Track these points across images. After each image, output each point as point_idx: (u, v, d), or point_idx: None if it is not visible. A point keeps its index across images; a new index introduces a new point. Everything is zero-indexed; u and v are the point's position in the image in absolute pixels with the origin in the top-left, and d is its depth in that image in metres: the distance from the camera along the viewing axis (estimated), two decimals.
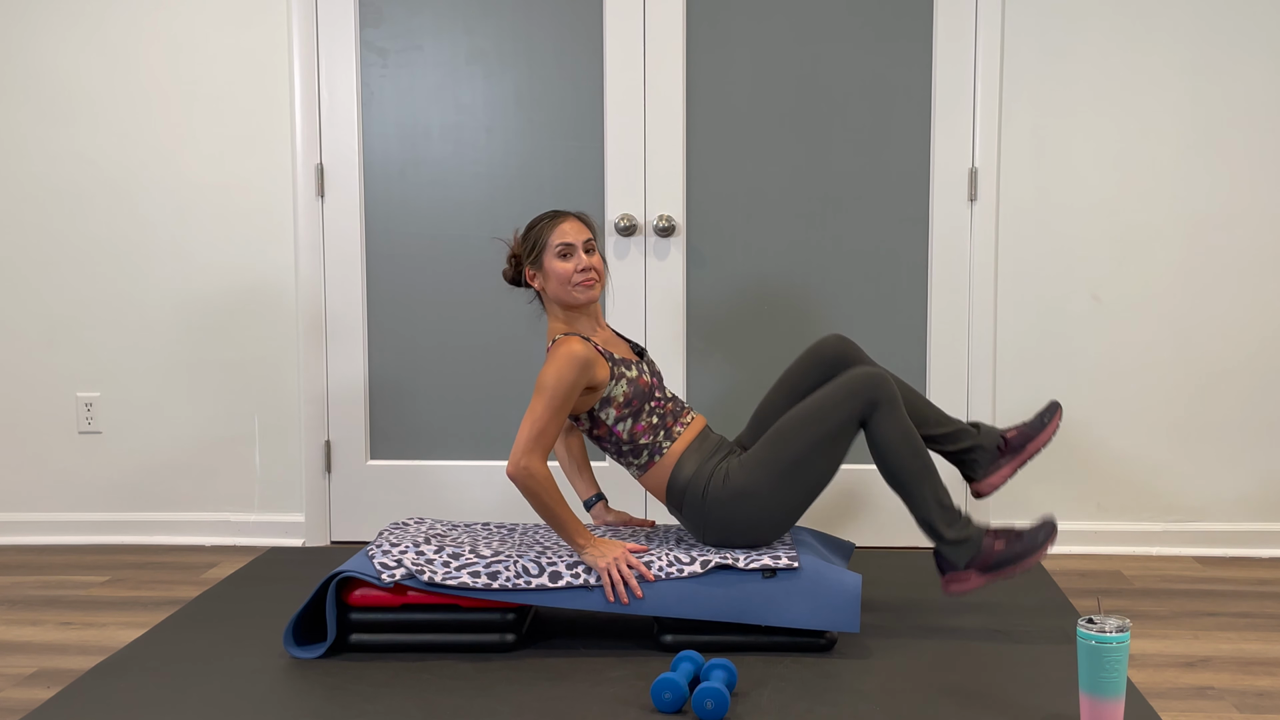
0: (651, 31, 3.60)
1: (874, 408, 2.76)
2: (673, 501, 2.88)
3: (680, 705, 2.41)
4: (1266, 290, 3.58)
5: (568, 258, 2.83)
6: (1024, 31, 3.54)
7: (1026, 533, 2.80)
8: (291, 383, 3.76)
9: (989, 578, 2.80)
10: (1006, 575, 2.80)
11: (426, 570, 2.71)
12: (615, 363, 2.82)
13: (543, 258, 2.84)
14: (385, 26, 3.66)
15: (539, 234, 2.85)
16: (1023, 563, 2.78)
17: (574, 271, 2.82)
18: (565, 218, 2.86)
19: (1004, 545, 2.79)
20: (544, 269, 2.85)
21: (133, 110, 3.72)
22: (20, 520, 3.84)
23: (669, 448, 2.86)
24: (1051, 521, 2.82)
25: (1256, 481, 3.62)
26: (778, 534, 2.84)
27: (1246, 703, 2.49)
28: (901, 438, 2.76)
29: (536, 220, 2.88)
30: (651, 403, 2.86)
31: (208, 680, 2.61)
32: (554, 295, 2.86)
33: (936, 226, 3.60)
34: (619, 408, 2.81)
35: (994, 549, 2.79)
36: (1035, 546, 2.78)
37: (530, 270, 2.87)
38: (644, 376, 2.86)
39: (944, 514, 2.79)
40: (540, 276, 2.86)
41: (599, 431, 2.85)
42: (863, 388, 2.77)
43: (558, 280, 2.83)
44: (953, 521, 2.79)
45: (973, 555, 2.79)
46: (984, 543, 2.80)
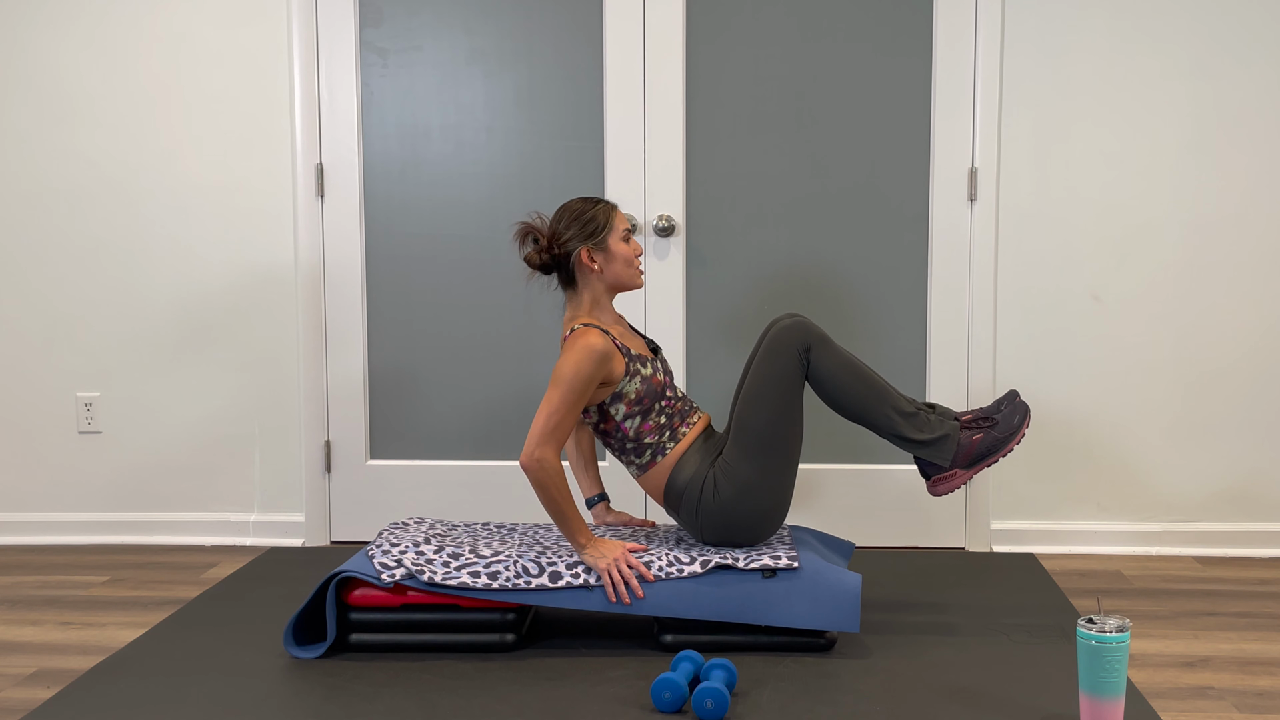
0: (651, 31, 3.60)
1: (806, 352, 2.77)
2: (670, 503, 2.88)
3: (680, 705, 2.41)
4: (1266, 290, 3.58)
5: (629, 241, 2.86)
6: (1024, 32, 3.54)
7: (1001, 418, 2.79)
8: (292, 382, 3.76)
9: (973, 471, 2.81)
10: (990, 464, 2.80)
11: (426, 570, 2.71)
12: (631, 359, 2.82)
13: (608, 239, 2.83)
14: (385, 26, 3.66)
15: (604, 215, 2.84)
16: (1003, 450, 2.78)
17: (634, 255, 2.86)
18: (615, 205, 2.90)
19: (981, 436, 2.78)
20: (609, 250, 2.83)
21: (133, 110, 3.72)
22: (20, 520, 3.84)
23: (672, 449, 2.86)
24: (1017, 397, 2.82)
25: (1256, 482, 3.62)
26: (775, 522, 2.84)
27: (1246, 703, 2.49)
28: (840, 367, 2.76)
29: (587, 204, 2.86)
30: (662, 402, 2.86)
31: (208, 680, 2.61)
32: (613, 278, 2.85)
33: (936, 226, 3.60)
34: (630, 405, 2.81)
35: (972, 442, 2.78)
36: (1013, 431, 2.78)
37: (589, 251, 2.83)
38: (657, 375, 2.86)
39: (910, 422, 2.78)
40: (602, 258, 2.84)
41: (606, 426, 2.85)
42: (789, 339, 2.77)
43: (624, 261, 2.85)
44: (922, 426, 2.78)
45: (953, 452, 2.78)
46: (961, 438, 2.79)
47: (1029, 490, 3.67)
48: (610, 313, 2.90)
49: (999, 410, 2.82)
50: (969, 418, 2.84)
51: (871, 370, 2.81)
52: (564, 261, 2.85)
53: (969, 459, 2.79)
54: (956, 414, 2.86)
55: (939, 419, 2.80)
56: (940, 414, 2.85)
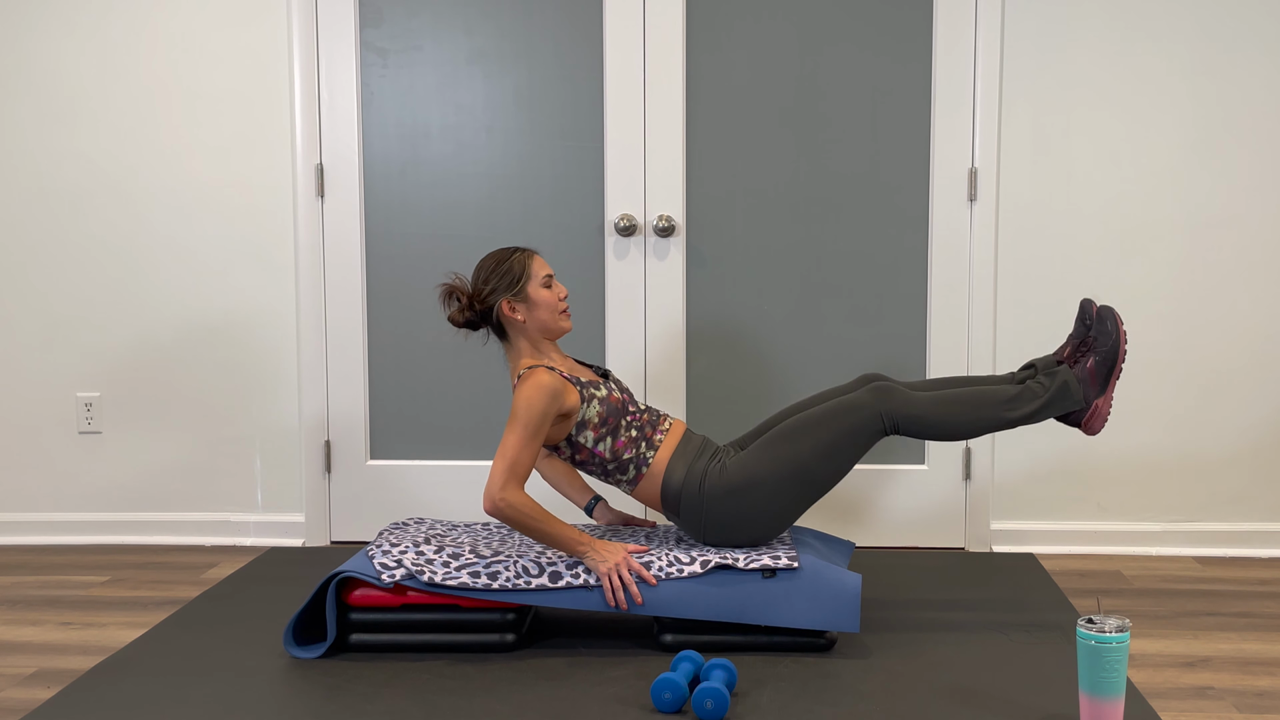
0: (651, 31, 3.60)
1: (891, 414, 2.78)
2: (669, 507, 2.88)
3: (680, 705, 2.41)
4: (1267, 290, 3.58)
5: (550, 286, 2.88)
6: (1023, 31, 3.54)
7: (1098, 334, 2.79)
8: (291, 382, 3.76)
9: (1110, 391, 2.80)
10: (1119, 375, 2.80)
11: (426, 570, 2.71)
12: (583, 386, 2.83)
13: (527, 288, 2.85)
14: (385, 26, 3.66)
15: (521, 265, 2.87)
16: (1120, 356, 2.77)
17: (559, 300, 2.88)
18: (533, 252, 2.91)
19: (1093, 360, 2.78)
20: (530, 299, 2.85)
21: (133, 110, 3.72)
22: (20, 520, 3.84)
23: (654, 457, 2.86)
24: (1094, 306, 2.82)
25: (1256, 481, 3.62)
26: (777, 530, 2.84)
27: (1246, 703, 2.49)
28: (928, 410, 2.78)
29: (503, 255, 2.88)
30: (627, 417, 2.86)
31: (208, 680, 2.61)
32: (539, 324, 2.87)
33: (936, 226, 3.60)
34: (595, 428, 2.82)
35: (1089, 371, 2.78)
36: (1116, 339, 2.77)
37: (510, 303, 2.85)
38: (614, 393, 2.87)
39: (1019, 404, 2.79)
40: (524, 308, 2.86)
41: (581, 456, 2.86)
42: (872, 398, 2.80)
43: (547, 308, 2.86)
44: (1035, 393, 2.79)
45: (1080, 393, 2.78)
46: (1076, 374, 2.79)
47: (1029, 490, 3.66)
48: (553, 352, 2.92)
49: (1088, 329, 2.83)
50: (1068, 353, 2.84)
51: (954, 386, 2.84)
52: (489, 315, 2.89)
53: (1098, 386, 2.79)
54: (1055, 355, 2.87)
55: (1045, 375, 2.81)
56: (1042, 368, 2.85)
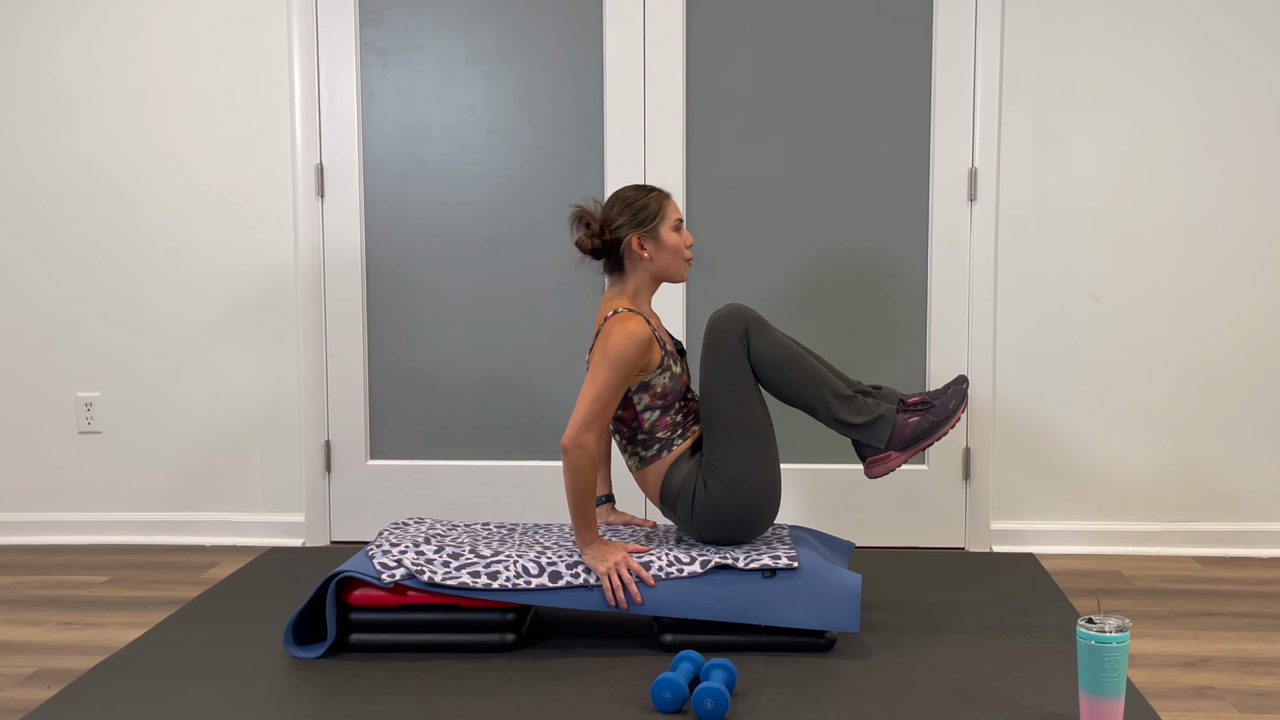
0: (651, 31, 3.60)
1: (745, 335, 2.78)
2: (666, 503, 2.88)
3: (680, 705, 2.41)
4: (1266, 290, 3.58)
5: (679, 231, 2.87)
6: (1023, 32, 3.54)
7: (939, 402, 2.80)
8: (291, 382, 3.76)
9: (908, 454, 2.81)
10: (924, 448, 2.81)
11: (426, 570, 2.71)
12: (666, 353, 2.84)
13: (660, 228, 2.85)
14: (385, 26, 3.66)
15: (657, 204, 2.85)
16: (938, 433, 2.78)
17: (685, 246, 2.88)
18: (668, 195, 2.90)
19: (918, 419, 2.79)
20: (660, 239, 2.85)
21: (133, 110, 3.72)
22: (20, 520, 3.84)
23: (677, 446, 2.87)
24: (961, 384, 2.82)
25: (1257, 482, 3.62)
26: (771, 505, 2.83)
27: (1246, 703, 2.49)
28: (775, 350, 2.77)
29: (640, 192, 2.87)
30: (682, 401, 2.87)
31: (208, 680, 2.61)
32: (662, 267, 2.86)
33: (936, 226, 3.60)
34: (654, 397, 2.82)
35: (908, 425, 2.79)
36: (948, 415, 2.78)
37: (640, 238, 2.84)
38: (683, 375, 2.89)
39: (846, 405, 2.79)
40: (652, 246, 2.85)
41: (624, 414, 2.85)
42: (726, 326, 2.79)
43: (673, 251, 2.86)
44: (858, 409, 2.79)
45: (888, 435, 2.79)
46: (898, 421, 2.79)
47: (1029, 490, 3.66)
48: (648, 305, 2.92)
49: (940, 394, 2.83)
50: (913, 400, 2.84)
51: (810, 354, 2.83)
52: (614, 247, 2.86)
53: (903, 442, 2.80)
54: (902, 395, 2.86)
55: (876, 402, 2.82)
56: (883, 396, 2.86)
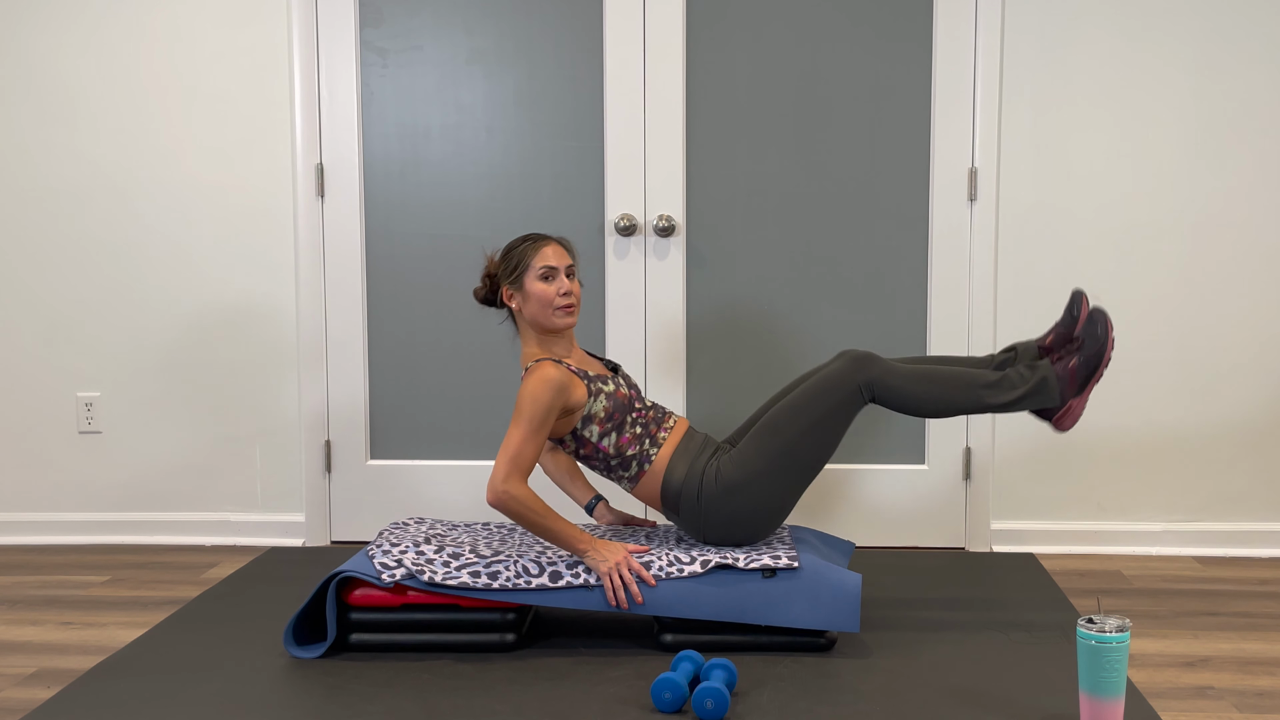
0: (651, 31, 3.60)
1: (868, 387, 2.78)
2: (669, 505, 2.88)
3: (680, 705, 2.41)
4: (1267, 290, 3.58)
5: (550, 280, 2.84)
6: (1024, 30, 3.54)
7: (1085, 334, 2.76)
8: (291, 382, 3.76)
9: (1086, 394, 2.79)
10: (1098, 380, 2.78)
11: (426, 570, 2.71)
12: (591, 380, 2.83)
13: (524, 279, 2.84)
14: (385, 26, 3.66)
15: (521, 255, 2.86)
16: (1103, 361, 2.75)
17: (556, 295, 2.84)
18: (548, 241, 2.88)
19: (1076, 360, 2.76)
20: (524, 290, 2.85)
21: (133, 110, 3.72)
22: (20, 520, 3.84)
23: (656, 454, 2.86)
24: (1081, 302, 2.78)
25: (1256, 481, 3.62)
26: (777, 522, 2.84)
27: (1246, 703, 2.49)
28: (908, 383, 2.77)
29: (518, 242, 2.89)
30: (633, 414, 2.86)
31: (208, 680, 2.61)
32: (532, 318, 2.86)
33: (936, 226, 3.60)
34: (601, 423, 2.82)
35: (1070, 371, 2.76)
36: (1103, 342, 2.75)
37: (509, 290, 2.86)
38: (621, 389, 2.87)
39: (1002, 388, 2.76)
40: (519, 297, 2.86)
41: (585, 451, 2.86)
42: (850, 368, 2.79)
43: (539, 303, 2.84)
44: (1015, 383, 2.77)
45: (1058, 390, 2.77)
46: (1058, 371, 2.77)
47: (1029, 490, 3.66)
48: (563, 344, 2.91)
49: (1075, 322, 2.80)
50: (1051, 340, 2.82)
51: (937, 363, 2.82)
52: (494, 298, 2.92)
53: (1076, 386, 2.77)
54: (1039, 341, 2.84)
55: (1027, 367, 2.79)
56: (1023, 354, 2.84)
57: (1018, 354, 2.87)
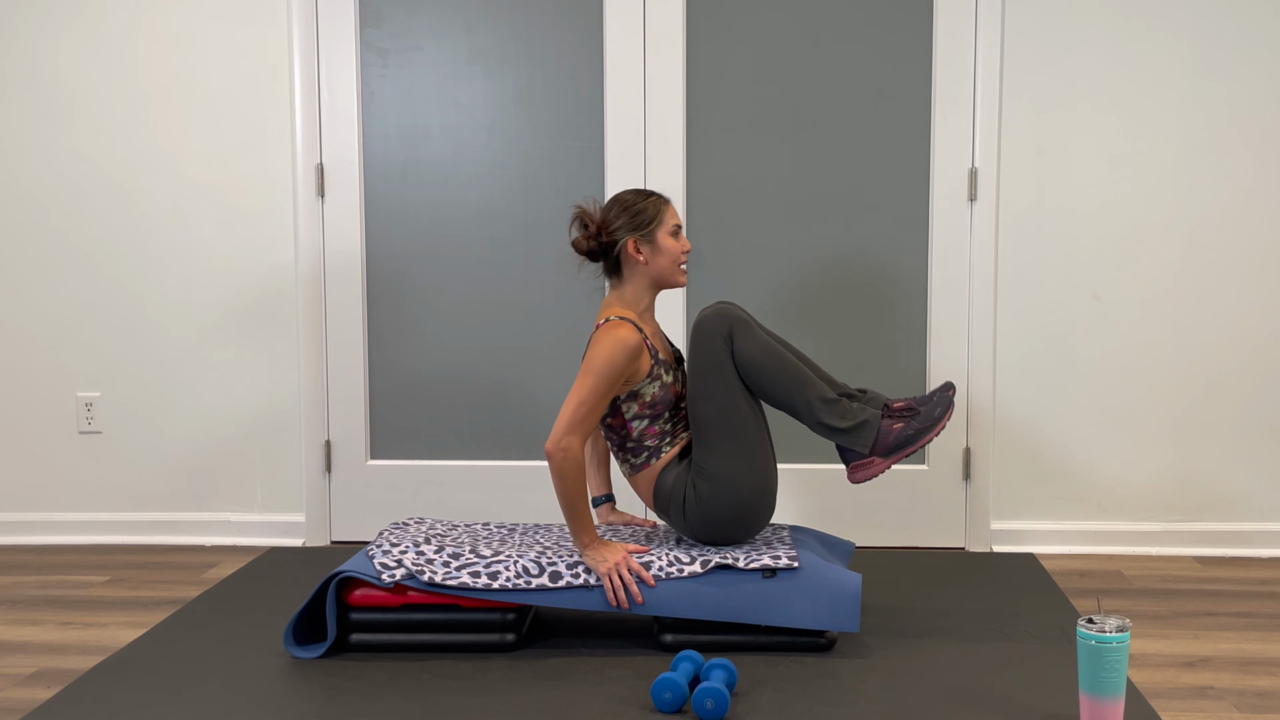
0: (651, 32, 3.60)
1: (729, 337, 2.77)
2: (659, 506, 2.88)
3: (680, 705, 2.41)
4: (1267, 290, 3.58)
5: (678, 237, 2.86)
6: (1024, 31, 3.54)
7: (924, 409, 2.79)
8: (292, 382, 3.76)
9: (892, 460, 2.79)
10: (907, 455, 2.79)
11: (426, 570, 2.71)
12: (658, 362, 2.82)
13: (656, 233, 2.83)
14: (385, 26, 3.66)
15: (655, 209, 2.84)
16: (922, 440, 2.77)
17: (682, 252, 2.86)
18: (668, 199, 2.88)
19: (902, 425, 2.77)
20: (656, 244, 2.83)
21: (132, 110, 3.72)
22: (20, 520, 3.84)
23: (665, 453, 2.86)
24: (948, 391, 2.80)
25: (1257, 481, 3.62)
26: (766, 504, 2.82)
27: (1246, 703, 2.49)
28: (760, 353, 2.76)
29: (638, 196, 2.85)
30: (672, 411, 2.86)
31: (208, 680, 2.61)
32: (657, 272, 2.84)
33: (936, 226, 3.60)
34: (643, 406, 2.81)
35: (892, 430, 2.77)
36: (933, 423, 2.77)
37: (636, 242, 2.82)
38: (675, 385, 2.87)
39: (831, 409, 2.77)
40: (648, 251, 2.83)
41: (613, 421, 2.85)
42: (711, 327, 2.77)
43: (669, 257, 2.84)
44: (843, 412, 2.78)
45: (872, 440, 2.78)
46: (882, 426, 2.78)
47: (1029, 490, 3.66)
48: (648, 310, 2.90)
49: (926, 401, 2.82)
50: (899, 405, 2.82)
51: (796, 357, 2.82)
52: (610, 250, 2.85)
53: (887, 448, 2.78)
54: (888, 400, 2.85)
55: (861, 406, 2.80)
56: (869, 400, 2.85)
57: (865, 397, 2.87)
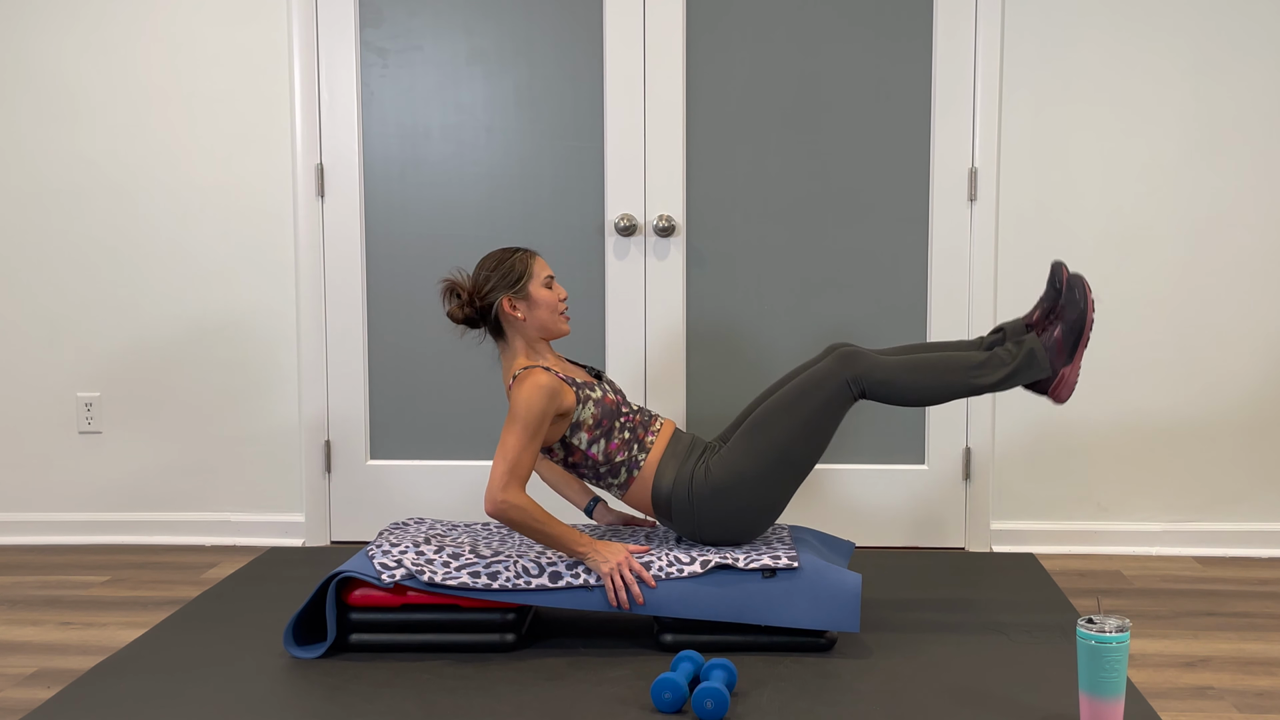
0: (651, 31, 3.60)
1: (854, 382, 2.78)
2: (660, 511, 2.88)
3: (680, 705, 2.41)
4: (1268, 290, 3.58)
5: (551, 287, 2.88)
6: (1024, 31, 3.54)
7: (1066, 302, 2.78)
8: (292, 382, 3.76)
9: (1077, 360, 2.79)
10: (1086, 344, 2.79)
11: (426, 570, 2.71)
12: (579, 387, 2.83)
13: (529, 287, 2.85)
14: (385, 26, 3.66)
15: (523, 264, 2.86)
16: (1087, 325, 2.76)
17: (558, 301, 2.87)
18: (534, 253, 2.91)
19: (1060, 329, 2.77)
20: (530, 298, 2.85)
21: (133, 110, 3.72)
22: (20, 520, 3.84)
23: (645, 460, 2.86)
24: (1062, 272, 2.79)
25: (1257, 482, 3.62)
26: (769, 520, 2.84)
27: (1246, 703, 2.49)
28: (895, 374, 2.77)
29: (504, 254, 2.88)
30: (620, 419, 2.86)
31: (208, 680, 2.61)
32: (538, 324, 2.86)
33: (936, 226, 3.60)
34: (590, 430, 2.82)
35: (1056, 341, 2.77)
36: (1084, 308, 2.76)
37: (511, 300, 2.85)
38: (608, 395, 2.87)
39: (990, 368, 2.77)
40: (524, 306, 2.85)
41: (574, 459, 2.86)
42: (838, 364, 2.79)
43: (548, 308, 2.86)
44: (1003, 361, 2.78)
45: (1047, 362, 2.77)
46: (1044, 342, 2.78)
47: (1029, 490, 3.66)
48: (547, 352, 2.92)
49: (1058, 294, 2.81)
50: (1036, 317, 2.83)
51: (923, 351, 2.82)
52: (488, 313, 2.88)
53: (1065, 354, 2.78)
54: (1025, 319, 2.86)
55: (1013, 343, 2.80)
56: (1010, 333, 2.84)
57: (1005, 334, 2.87)
